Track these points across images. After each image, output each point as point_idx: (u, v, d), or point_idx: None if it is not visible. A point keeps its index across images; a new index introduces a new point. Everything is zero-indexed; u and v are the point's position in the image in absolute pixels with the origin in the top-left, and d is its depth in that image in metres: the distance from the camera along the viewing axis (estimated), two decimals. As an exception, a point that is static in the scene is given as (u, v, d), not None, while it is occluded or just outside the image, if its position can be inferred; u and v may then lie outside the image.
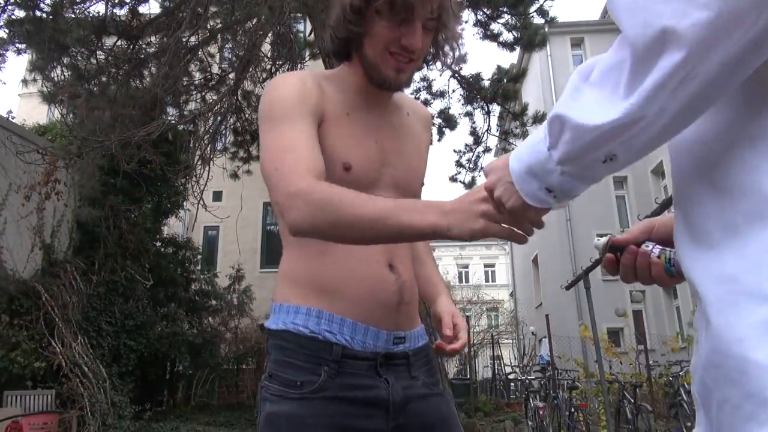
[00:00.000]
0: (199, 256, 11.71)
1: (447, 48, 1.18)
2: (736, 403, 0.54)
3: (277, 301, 1.11)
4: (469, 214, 0.82)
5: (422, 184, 1.26)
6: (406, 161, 1.18)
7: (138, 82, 7.47)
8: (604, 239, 0.89)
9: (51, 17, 6.49)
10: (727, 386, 0.55)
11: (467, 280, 30.18)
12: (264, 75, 7.77)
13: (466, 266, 33.98)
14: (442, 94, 9.22)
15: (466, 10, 8.53)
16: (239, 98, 8.17)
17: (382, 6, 1.03)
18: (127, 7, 7.13)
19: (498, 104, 8.85)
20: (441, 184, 44.11)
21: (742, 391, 0.52)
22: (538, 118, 8.77)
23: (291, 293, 1.09)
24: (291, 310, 1.07)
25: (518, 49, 8.84)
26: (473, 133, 9.47)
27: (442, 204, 0.86)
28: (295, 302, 1.07)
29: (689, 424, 5.33)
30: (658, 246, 0.80)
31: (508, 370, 13.96)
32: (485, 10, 8.39)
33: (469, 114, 9.32)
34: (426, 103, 9.92)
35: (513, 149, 0.77)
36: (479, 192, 0.82)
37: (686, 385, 6.60)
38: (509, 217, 0.80)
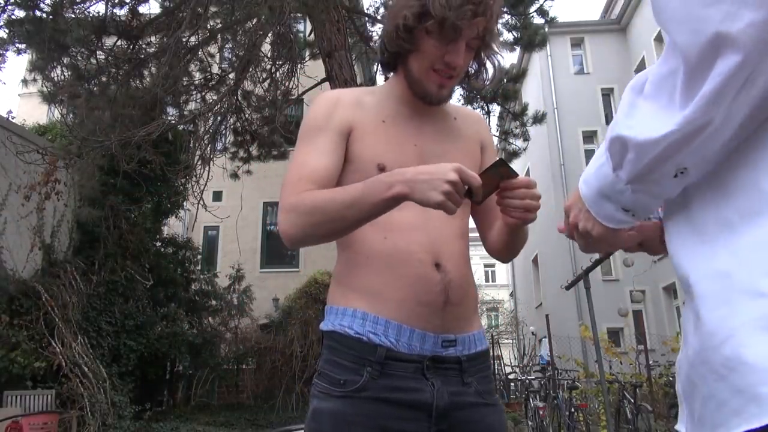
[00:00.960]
0: (199, 256, 11.71)
1: (488, 65, 1.24)
2: (722, 399, 0.53)
3: (328, 304, 1.16)
4: (434, 187, 0.93)
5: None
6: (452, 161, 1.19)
7: (138, 82, 7.47)
8: None
9: (51, 17, 6.48)
10: (715, 382, 0.55)
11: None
12: (264, 75, 7.77)
13: (466, 266, 33.93)
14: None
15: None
16: (239, 98, 8.17)
17: (432, 27, 1.10)
18: (127, 7, 7.13)
19: (498, 104, 8.84)
20: (441, 184, 43.92)
21: (731, 387, 0.52)
22: (538, 118, 8.76)
23: (339, 296, 1.13)
24: (339, 311, 1.11)
25: (518, 49, 8.83)
26: (473, 133, 9.45)
27: (404, 172, 0.97)
28: (342, 304, 1.11)
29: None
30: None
31: (508, 370, 13.96)
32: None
33: (469, 114, 9.31)
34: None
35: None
36: (448, 172, 0.93)
37: (686, 385, 6.59)
38: (596, 245, 0.80)
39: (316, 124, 1.16)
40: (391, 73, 1.27)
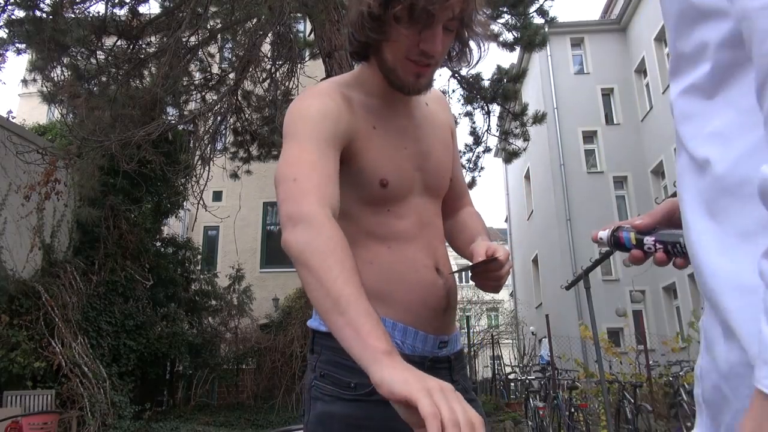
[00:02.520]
0: (199, 256, 11.71)
1: (471, 46, 1.15)
2: None
3: None
4: (420, 387, 0.71)
5: (450, 179, 1.24)
6: (434, 162, 1.17)
7: (138, 82, 7.47)
8: (606, 232, 0.87)
9: (51, 17, 6.48)
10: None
11: (467, 281, 30.17)
12: (264, 75, 7.77)
13: (466, 266, 33.94)
14: (442, 93, 9.22)
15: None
16: (239, 98, 8.17)
17: (401, 12, 0.99)
18: (127, 7, 7.13)
19: (498, 104, 8.85)
20: (441, 184, 43.90)
21: None
22: (538, 118, 8.77)
23: None
24: None
25: (518, 49, 8.84)
26: (473, 133, 9.48)
27: (386, 347, 0.77)
28: None
29: (689, 424, 5.33)
30: (659, 242, 0.79)
31: (508, 370, 13.94)
32: (485, 10, 8.39)
33: (469, 114, 9.33)
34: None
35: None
36: (430, 380, 0.73)
37: (686, 385, 6.60)
38: None
39: (320, 120, 1.03)
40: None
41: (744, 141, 0.58)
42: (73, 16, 6.84)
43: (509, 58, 45.27)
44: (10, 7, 6.54)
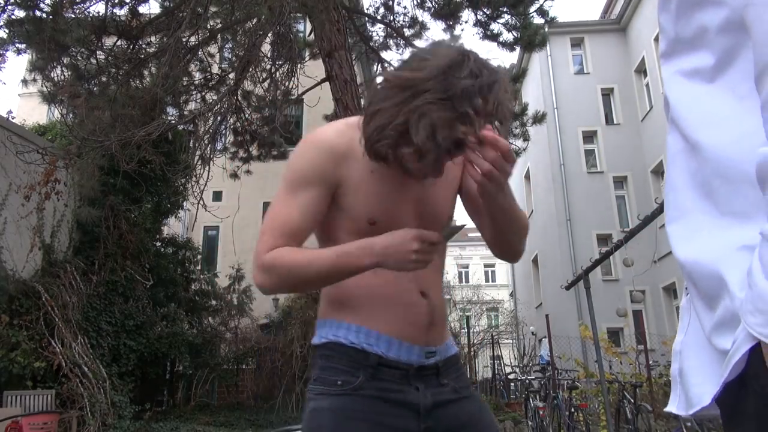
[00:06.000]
0: (199, 256, 11.71)
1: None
2: None
3: (321, 318, 1.24)
4: (403, 259, 1.05)
5: (451, 218, 1.30)
6: (433, 207, 1.23)
7: (138, 82, 7.47)
8: None
9: (51, 17, 6.48)
10: None
11: (467, 280, 30.19)
12: (264, 75, 7.77)
13: (466, 266, 33.97)
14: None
15: (466, 10, 8.54)
16: (239, 98, 8.17)
17: (408, 157, 1.05)
18: (127, 7, 7.13)
19: (498, 104, 8.83)
20: (441, 184, 43.92)
21: None
22: (538, 118, 8.77)
23: (332, 311, 1.21)
24: (334, 324, 1.19)
25: (518, 49, 8.85)
26: (473, 133, 9.45)
27: (372, 245, 1.06)
28: (337, 318, 1.19)
29: (689, 424, 5.33)
30: None
31: (508, 370, 13.93)
32: (485, 10, 8.39)
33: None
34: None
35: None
36: (410, 243, 1.04)
37: (686, 385, 6.59)
38: None
39: (303, 176, 1.15)
40: None
41: (740, 125, 0.59)
42: (73, 16, 6.84)
43: (509, 58, 45.27)
44: (10, 7, 6.54)
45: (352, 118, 1.22)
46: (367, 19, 9.41)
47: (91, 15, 7.07)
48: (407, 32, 9.12)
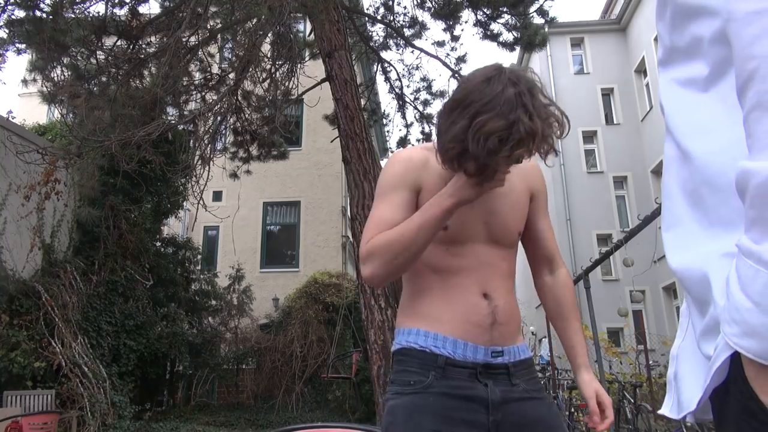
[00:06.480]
0: (199, 256, 11.71)
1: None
2: None
3: (397, 327, 1.40)
4: (468, 188, 1.22)
5: (519, 233, 1.45)
6: (501, 218, 1.38)
7: (138, 82, 7.46)
8: None
9: (51, 17, 6.48)
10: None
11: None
12: (264, 75, 7.76)
13: (466, 266, 33.94)
14: (442, 94, 9.22)
15: (466, 10, 8.54)
16: (239, 98, 8.16)
17: (470, 168, 1.19)
18: (127, 7, 7.12)
19: (498, 104, 8.83)
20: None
21: None
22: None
23: (405, 319, 1.37)
24: (406, 332, 1.35)
25: (518, 49, 8.83)
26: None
27: (442, 193, 1.25)
28: (408, 326, 1.35)
29: (689, 424, 5.33)
30: None
31: (508, 370, 13.92)
32: (485, 10, 8.39)
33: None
34: (426, 103, 9.92)
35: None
36: (462, 177, 1.21)
37: (686, 385, 6.59)
38: None
39: (392, 182, 1.34)
40: None
41: (728, 135, 0.59)
42: (73, 16, 6.83)
43: (509, 58, 45.27)
44: (10, 7, 6.53)
45: (428, 143, 1.44)
46: (367, 19, 9.41)
47: (91, 15, 7.06)
48: (407, 32, 9.13)
